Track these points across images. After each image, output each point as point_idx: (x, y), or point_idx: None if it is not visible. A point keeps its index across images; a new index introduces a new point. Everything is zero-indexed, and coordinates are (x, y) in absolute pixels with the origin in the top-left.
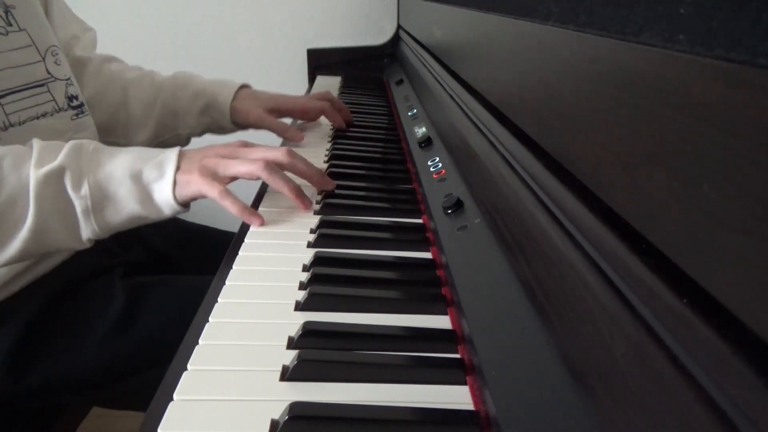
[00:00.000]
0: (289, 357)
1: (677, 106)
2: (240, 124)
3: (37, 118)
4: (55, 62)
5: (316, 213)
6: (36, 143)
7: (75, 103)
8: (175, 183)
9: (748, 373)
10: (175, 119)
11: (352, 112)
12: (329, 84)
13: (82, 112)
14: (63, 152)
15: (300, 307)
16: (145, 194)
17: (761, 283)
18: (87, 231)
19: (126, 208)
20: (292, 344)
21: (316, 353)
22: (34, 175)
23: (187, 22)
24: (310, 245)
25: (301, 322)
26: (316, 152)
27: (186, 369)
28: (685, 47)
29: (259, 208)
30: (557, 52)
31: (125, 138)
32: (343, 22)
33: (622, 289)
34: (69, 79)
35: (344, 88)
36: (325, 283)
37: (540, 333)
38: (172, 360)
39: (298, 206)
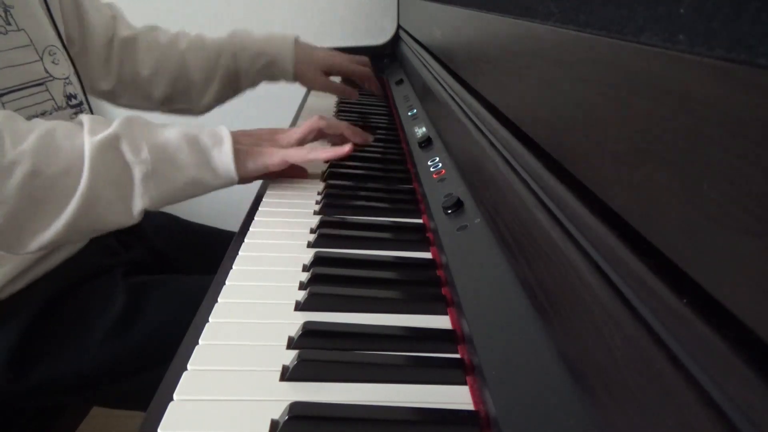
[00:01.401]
0: (289, 357)
1: (677, 106)
2: (305, 84)
3: (37, 116)
4: (53, 61)
5: (316, 213)
6: (85, 116)
7: (74, 102)
8: (236, 153)
9: (748, 373)
10: (238, 79)
11: (352, 111)
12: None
13: (81, 111)
14: (116, 123)
15: (300, 307)
16: (203, 159)
17: (761, 283)
18: (144, 199)
19: (186, 171)
20: (292, 344)
21: (316, 353)
22: (89, 142)
23: (187, 22)
24: (310, 245)
25: (301, 322)
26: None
27: (186, 369)
28: (685, 47)
29: (259, 208)
30: (557, 52)
31: (188, 103)
32: (343, 22)
33: (622, 289)
34: (68, 78)
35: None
36: (325, 283)
37: (540, 333)
38: (172, 360)
39: (355, 140)
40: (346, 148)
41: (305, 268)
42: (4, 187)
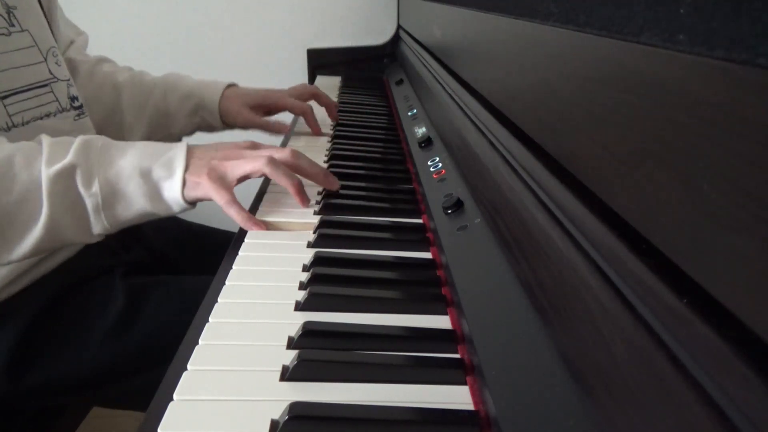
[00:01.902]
0: (289, 357)
1: (677, 106)
2: (230, 125)
3: (41, 118)
4: (56, 63)
5: (316, 213)
6: (45, 140)
7: (77, 103)
8: (184, 183)
9: (748, 373)
10: (167, 120)
11: (352, 112)
12: (329, 84)
13: (83, 113)
14: (72, 149)
15: (300, 307)
16: (154, 192)
17: (761, 283)
18: (98, 226)
19: (136, 204)
20: (292, 344)
21: (316, 353)
22: (45, 173)
23: (188, 22)
24: (310, 245)
25: (301, 322)
26: (316, 152)
27: (186, 369)
28: (685, 47)
29: (259, 208)
30: (557, 52)
31: (119, 139)
32: (343, 22)
33: (622, 289)
34: (70, 80)
35: (344, 88)
36: (325, 283)
37: (540, 333)
38: (172, 360)
39: (297, 202)
40: (257, 228)
41: (305, 268)
42: None
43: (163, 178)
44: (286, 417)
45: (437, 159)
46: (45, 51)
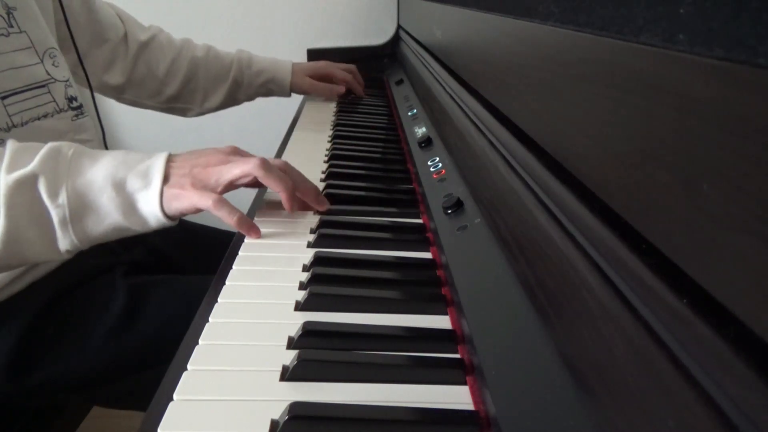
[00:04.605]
0: (289, 357)
1: (677, 106)
2: (297, 92)
3: (39, 119)
4: (53, 64)
5: (316, 213)
6: (11, 144)
7: (75, 104)
8: (161, 195)
9: (748, 373)
10: (238, 90)
11: (351, 112)
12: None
13: (82, 114)
14: (38, 156)
15: (300, 307)
16: (128, 204)
17: (761, 283)
18: (65, 242)
19: (107, 218)
20: (292, 344)
21: (316, 353)
22: (4, 181)
23: (188, 22)
24: (310, 245)
25: (301, 322)
26: (317, 152)
27: (186, 369)
28: (685, 47)
29: (259, 208)
30: (557, 52)
31: (191, 104)
32: (343, 22)
33: (622, 289)
34: (68, 80)
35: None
36: (325, 283)
37: (540, 333)
38: (172, 360)
39: (287, 208)
40: (253, 234)
41: (305, 268)
42: None
43: (137, 190)
44: (286, 417)
45: (437, 159)
46: (41, 52)
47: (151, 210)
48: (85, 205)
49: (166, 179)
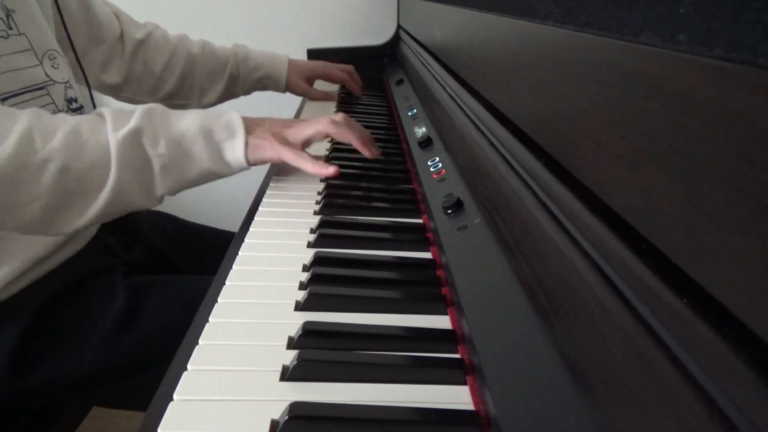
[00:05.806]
0: (289, 357)
1: (677, 105)
2: (291, 91)
3: None
4: (53, 66)
5: (316, 213)
6: (105, 110)
7: (74, 105)
8: (246, 145)
9: (748, 373)
10: (235, 85)
11: (351, 112)
12: (329, 84)
13: (82, 114)
14: (136, 115)
15: (300, 307)
16: (216, 152)
17: (761, 283)
18: (162, 188)
19: (200, 164)
20: (292, 344)
21: (316, 353)
22: (113, 137)
23: (188, 22)
24: (310, 245)
25: (301, 322)
26: (317, 152)
27: (186, 369)
28: (685, 47)
29: (259, 208)
30: (557, 52)
31: (188, 100)
32: (343, 22)
33: (622, 289)
34: (68, 82)
35: (344, 88)
36: (325, 283)
37: (540, 333)
38: (172, 360)
39: (365, 153)
40: (330, 170)
41: (305, 268)
42: (39, 184)
43: (223, 140)
44: (286, 417)
45: (437, 159)
46: (41, 54)
47: (236, 157)
48: (181, 153)
49: (248, 132)
